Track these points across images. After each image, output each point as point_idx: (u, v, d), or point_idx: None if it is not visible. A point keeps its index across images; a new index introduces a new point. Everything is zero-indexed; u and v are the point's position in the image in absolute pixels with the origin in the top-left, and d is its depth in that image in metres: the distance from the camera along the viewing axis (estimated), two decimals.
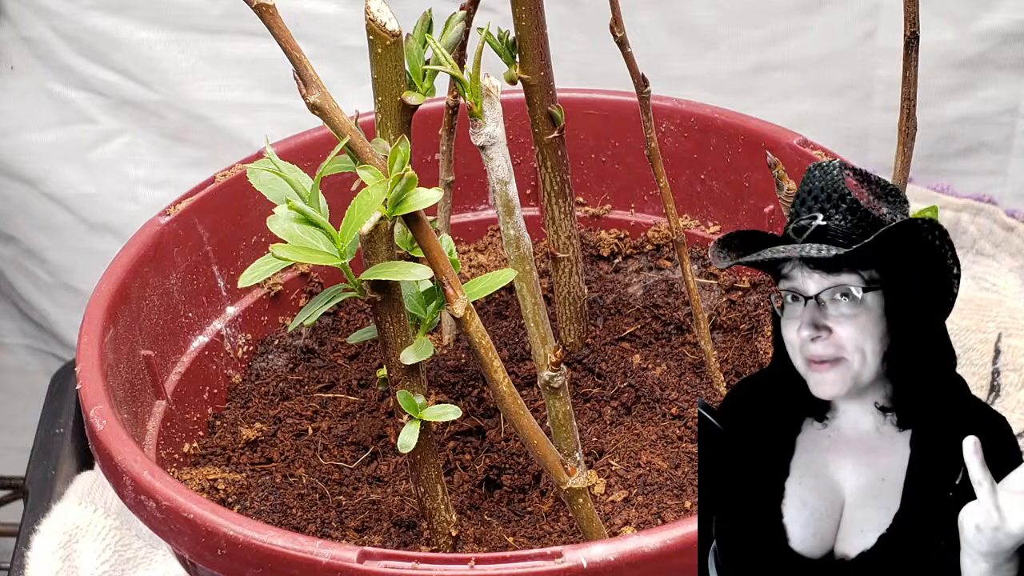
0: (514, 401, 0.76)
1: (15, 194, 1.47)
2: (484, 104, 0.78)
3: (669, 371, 1.00)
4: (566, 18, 1.34)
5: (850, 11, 1.34)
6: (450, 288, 0.73)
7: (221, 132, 1.43)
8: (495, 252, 1.15)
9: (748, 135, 1.07)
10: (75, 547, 1.13)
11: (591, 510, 0.80)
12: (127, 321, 0.94)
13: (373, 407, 1.00)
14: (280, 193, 0.78)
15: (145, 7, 1.37)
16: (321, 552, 0.73)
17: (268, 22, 0.70)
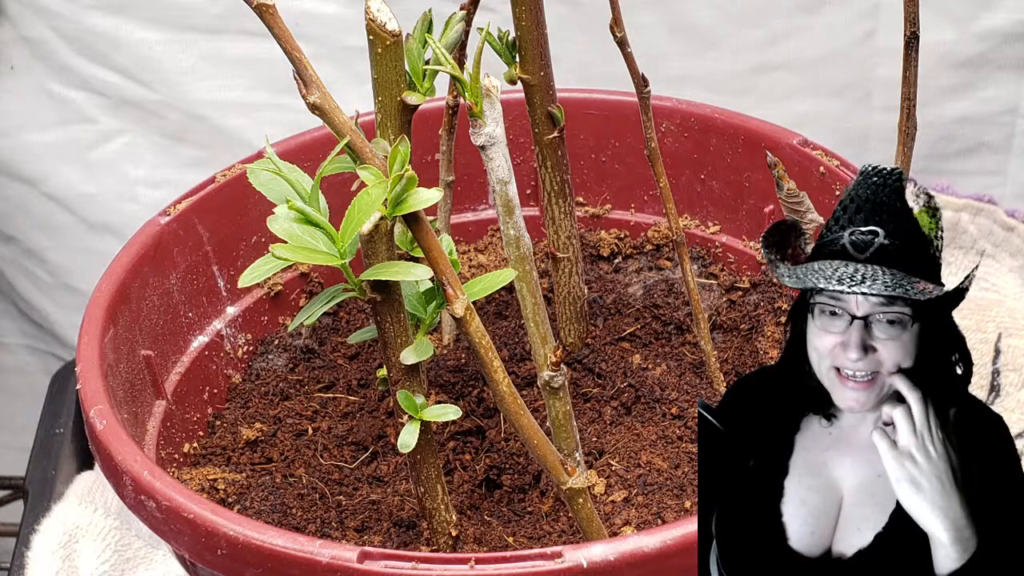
0: (514, 401, 0.76)
1: (15, 194, 1.47)
2: (484, 104, 0.78)
3: (669, 371, 1.00)
4: (566, 18, 1.34)
5: (850, 11, 1.34)
6: (450, 288, 0.73)
7: (221, 132, 1.43)
8: (495, 252, 1.15)
9: (748, 135, 1.07)
10: (75, 547, 1.13)
11: (591, 510, 0.80)
12: (127, 321, 0.94)
13: (373, 407, 1.00)
14: (280, 193, 0.78)
15: (145, 7, 1.37)
16: (321, 552, 0.73)
17: (268, 22, 0.70)
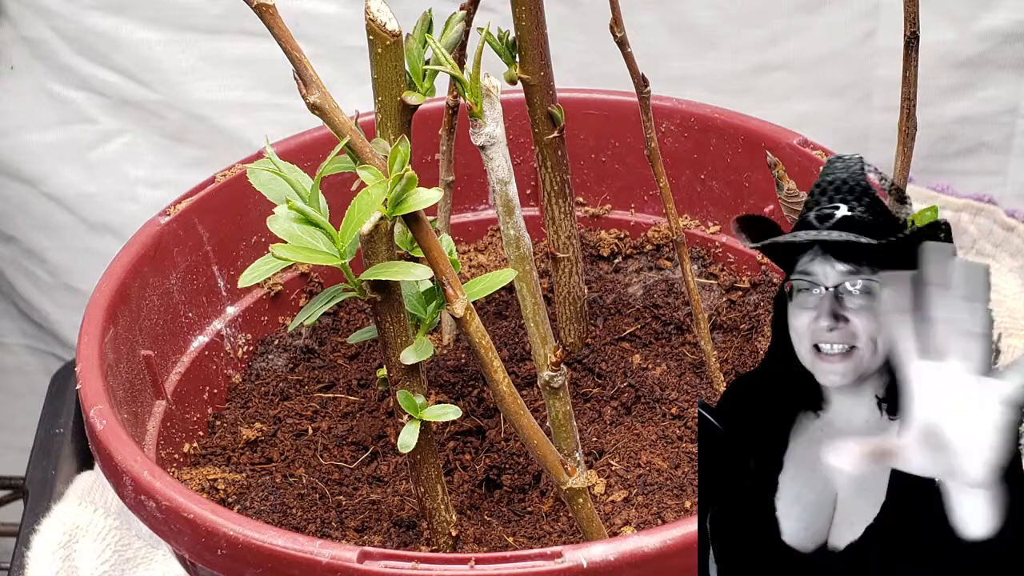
0: (514, 401, 0.76)
1: (15, 194, 1.47)
2: (484, 104, 0.78)
3: (669, 371, 1.00)
4: (566, 18, 1.34)
5: (850, 11, 1.34)
6: (450, 288, 0.73)
7: (221, 132, 1.43)
8: (495, 252, 1.15)
9: (748, 135, 1.07)
10: (75, 547, 1.13)
11: (591, 510, 0.80)
12: (127, 321, 0.94)
13: (373, 407, 1.00)
14: (280, 193, 0.78)
15: (145, 7, 1.37)
16: (321, 552, 0.73)
17: (268, 22, 0.70)
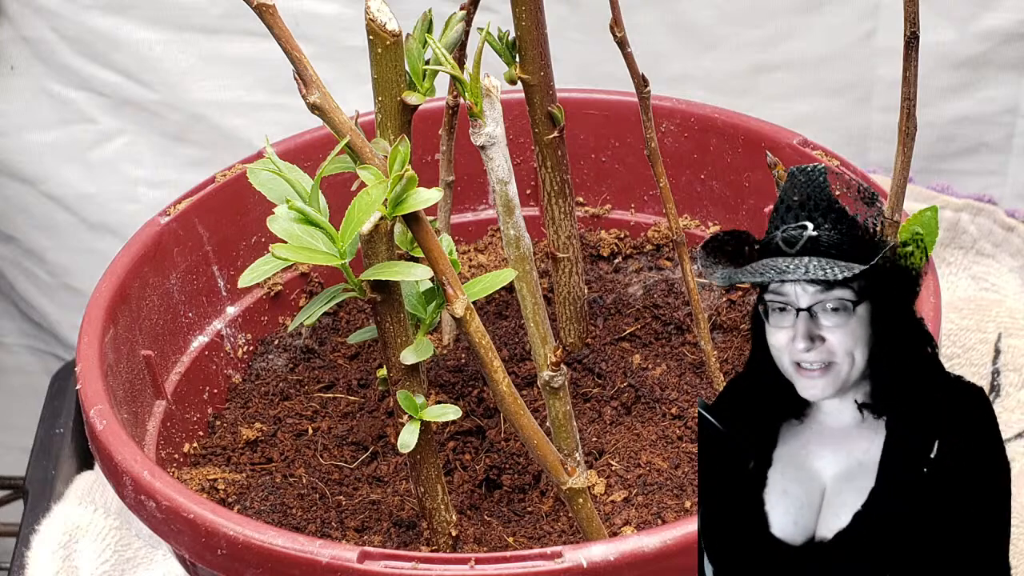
0: (514, 401, 0.76)
1: (15, 194, 1.47)
2: (484, 104, 0.78)
3: (669, 371, 1.00)
4: (566, 18, 1.34)
5: (850, 11, 1.34)
6: (450, 288, 0.73)
7: (221, 132, 1.43)
8: (495, 252, 1.15)
9: (748, 135, 1.07)
10: (75, 547, 1.13)
11: (591, 510, 0.80)
12: (127, 321, 0.94)
13: (373, 407, 1.00)
14: (280, 193, 0.78)
15: (145, 7, 1.37)
16: (321, 552, 0.73)
17: (268, 22, 0.70)
